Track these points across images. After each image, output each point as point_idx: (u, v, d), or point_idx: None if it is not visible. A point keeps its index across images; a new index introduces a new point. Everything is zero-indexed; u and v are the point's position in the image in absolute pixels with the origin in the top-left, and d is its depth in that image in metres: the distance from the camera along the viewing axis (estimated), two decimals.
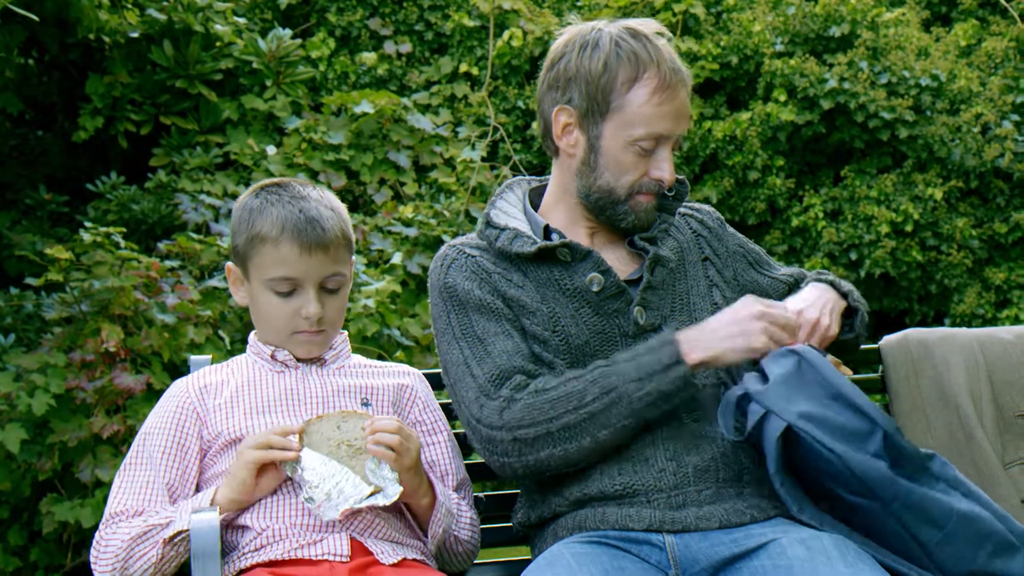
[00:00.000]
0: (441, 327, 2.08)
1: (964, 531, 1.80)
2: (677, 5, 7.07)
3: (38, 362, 4.40)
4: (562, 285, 2.07)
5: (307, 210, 1.98)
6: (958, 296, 6.76)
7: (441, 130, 6.55)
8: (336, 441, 1.91)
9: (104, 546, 1.90)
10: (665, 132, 2.05)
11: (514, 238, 2.09)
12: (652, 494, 1.96)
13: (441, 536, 1.99)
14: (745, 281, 2.23)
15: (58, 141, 6.53)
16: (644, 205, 2.09)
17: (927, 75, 6.89)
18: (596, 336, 2.05)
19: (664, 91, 2.03)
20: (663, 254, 2.11)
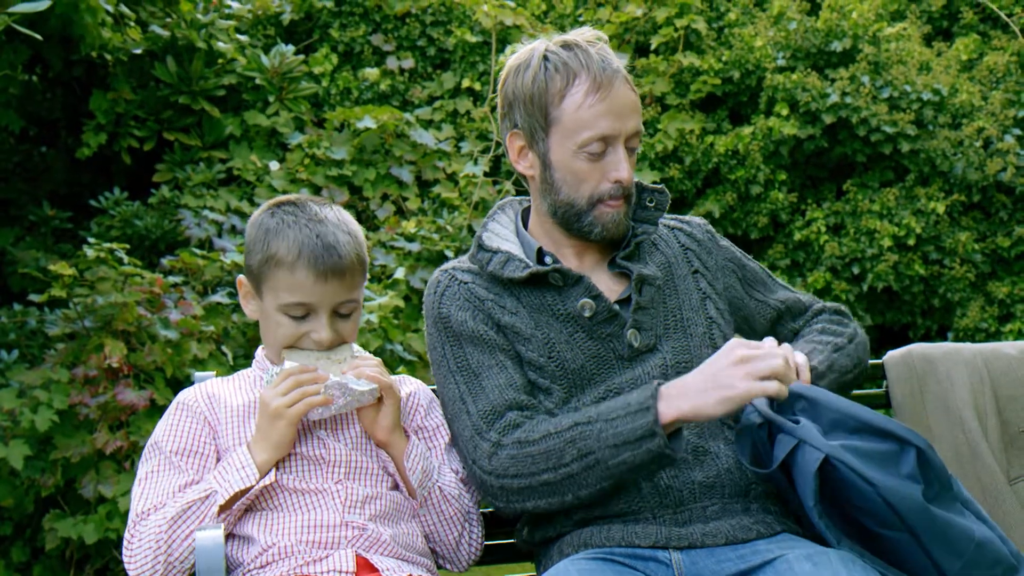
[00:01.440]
0: (437, 359, 2.08)
1: (981, 559, 1.79)
2: (679, 20, 7.08)
3: (41, 378, 4.40)
4: (555, 310, 2.06)
5: (324, 235, 1.97)
6: (961, 310, 6.75)
7: (444, 145, 6.56)
8: (316, 355, 1.97)
9: (138, 542, 1.87)
10: (608, 131, 2.02)
11: (506, 262, 2.08)
12: (657, 511, 1.95)
13: (421, 477, 1.98)
14: (733, 296, 2.21)
15: (62, 157, 6.55)
16: (610, 214, 2.06)
17: (929, 89, 6.90)
18: (592, 360, 2.04)
19: (597, 91, 2.01)
20: (647, 273, 2.09)
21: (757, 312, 2.22)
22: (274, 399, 1.90)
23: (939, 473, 1.77)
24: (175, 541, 1.84)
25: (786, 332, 2.23)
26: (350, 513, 1.93)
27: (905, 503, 1.72)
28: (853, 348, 2.14)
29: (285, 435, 1.90)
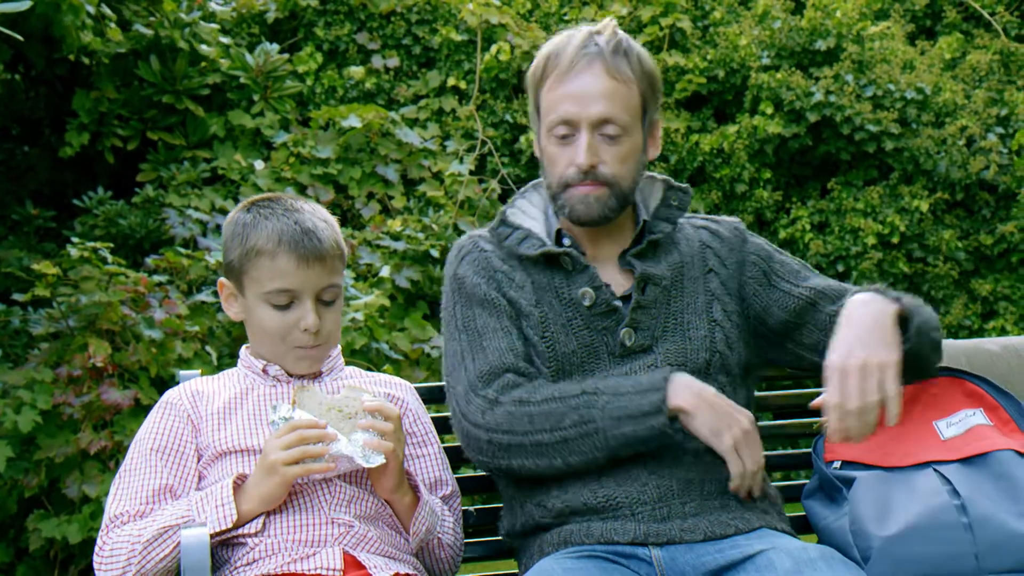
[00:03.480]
0: (447, 317, 2.12)
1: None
2: (664, 19, 7.10)
3: (25, 378, 4.38)
4: (560, 293, 2.07)
5: (302, 222, 1.99)
6: (944, 307, 6.78)
7: (429, 144, 6.56)
8: (327, 405, 1.91)
9: (110, 551, 1.87)
10: (569, 115, 2.03)
11: (523, 239, 2.12)
12: (636, 507, 1.96)
13: (424, 535, 1.98)
14: (752, 292, 2.16)
15: (45, 156, 6.51)
16: (577, 196, 2.05)
17: (912, 88, 6.93)
18: (584, 348, 2.04)
19: (566, 73, 2.04)
20: (652, 272, 2.08)
21: (777, 303, 2.14)
22: (274, 451, 1.85)
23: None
24: (148, 563, 1.85)
25: (823, 317, 2.11)
26: (336, 511, 1.93)
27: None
28: (911, 299, 2.03)
29: (275, 492, 1.87)
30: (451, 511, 2.10)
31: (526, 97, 7.38)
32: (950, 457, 2.11)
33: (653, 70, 2.11)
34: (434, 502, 2.03)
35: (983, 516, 1.97)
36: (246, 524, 1.88)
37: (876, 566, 1.93)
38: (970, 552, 1.93)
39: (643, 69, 2.07)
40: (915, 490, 2.04)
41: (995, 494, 2.02)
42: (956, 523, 1.96)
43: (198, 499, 1.88)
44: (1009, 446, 2.11)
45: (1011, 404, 2.20)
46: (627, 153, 2.06)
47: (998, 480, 2.04)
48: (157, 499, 1.92)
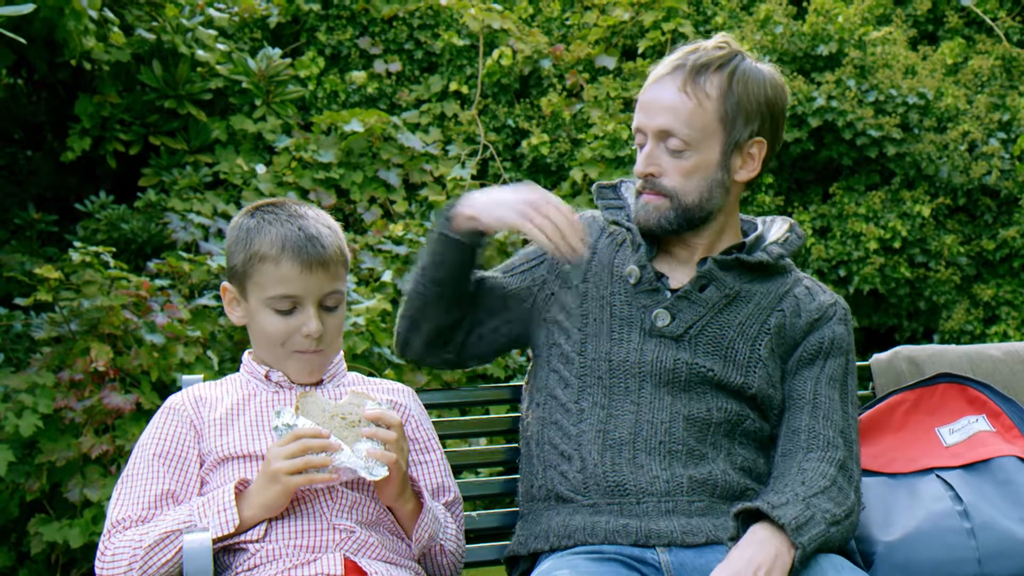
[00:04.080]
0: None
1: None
2: (666, 24, 7.10)
3: (26, 382, 4.38)
4: (614, 269, 2.14)
5: (306, 228, 1.99)
6: (947, 312, 6.78)
7: (431, 148, 6.56)
8: (330, 412, 1.90)
9: (111, 556, 1.87)
10: (639, 123, 2.10)
11: (612, 208, 2.20)
12: (643, 497, 1.96)
13: (427, 542, 1.98)
14: (794, 356, 2.10)
15: (47, 160, 6.52)
16: (641, 202, 2.11)
17: (914, 93, 6.93)
18: (617, 320, 2.09)
19: (650, 81, 2.11)
20: (718, 275, 2.09)
21: (791, 381, 2.10)
22: (277, 459, 1.84)
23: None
24: (150, 568, 1.85)
25: (788, 447, 2.06)
26: (337, 517, 1.93)
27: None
28: (848, 527, 1.95)
29: (278, 501, 1.87)
30: (454, 518, 2.10)
31: (528, 101, 7.41)
32: (953, 463, 2.12)
33: (751, 92, 2.07)
34: (437, 509, 2.03)
35: (986, 522, 1.97)
36: (248, 531, 1.88)
37: (880, 571, 1.93)
38: (973, 557, 1.94)
39: (733, 88, 2.05)
40: (918, 496, 2.04)
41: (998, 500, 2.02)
42: (959, 528, 1.96)
43: (200, 504, 1.88)
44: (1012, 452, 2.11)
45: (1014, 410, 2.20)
46: (692, 168, 2.06)
47: (1001, 486, 2.04)
48: (159, 504, 1.92)
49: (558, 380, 2.12)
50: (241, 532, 1.87)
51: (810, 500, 1.90)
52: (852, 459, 2.04)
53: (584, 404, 2.06)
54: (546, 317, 2.18)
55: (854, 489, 2.01)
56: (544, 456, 2.09)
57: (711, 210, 2.10)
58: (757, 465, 2.07)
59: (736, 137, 2.08)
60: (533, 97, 6.97)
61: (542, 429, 2.11)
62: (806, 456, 2.01)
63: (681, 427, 2.01)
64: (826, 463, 1.99)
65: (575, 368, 2.10)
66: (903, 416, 2.24)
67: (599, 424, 2.03)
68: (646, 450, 2.00)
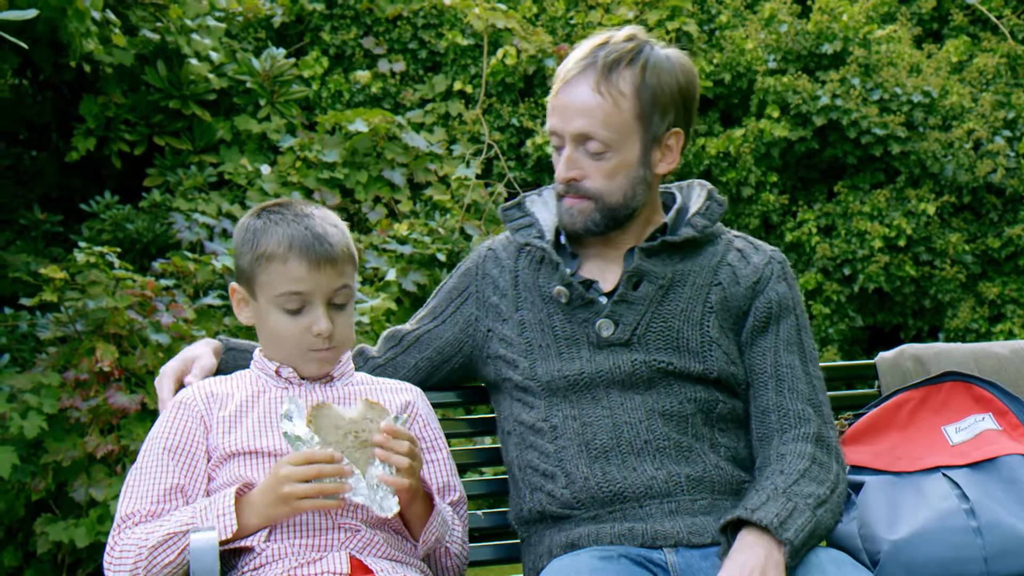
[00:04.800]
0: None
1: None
2: (670, 23, 7.10)
3: (32, 382, 4.38)
4: (542, 290, 2.11)
5: (312, 227, 2.00)
6: (952, 311, 6.77)
7: (435, 148, 6.56)
8: (345, 430, 1.87)
9: (119, 552, 1.88)
10: (552, 127, 2.06)
11: (524, 228, 2.16)
12: (644, 500, 1.95)
13: (433, 544, 1.98)
14: (745, 325, 2.09)
15: (52, 161, 6.53)
16: (564, 206, 2.08)
17: (919, 91, 6.92)
18: (563, 341, 2.07)
19: (561, 84, 2.05)
20: (647, 268, 2.06)
21: (750, 354, 2.09)
22: (289, 482, 1.82)
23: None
24: (154, 568, 1.86)
25: (763, 431, 2.06)
26: (343, 516, 1.93)
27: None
28: (836, 501, 1.97)
29: (282, 516, 1.88)
30: (459, 517, 2.10)
31: (532, 100, 7.41)
32: (959, 462, 2.11)
33: (663, 83, 2.03)
34: (446, 511, 2.03)
35: (992, 520, 1.96)
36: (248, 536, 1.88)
37: (885, 570, 1.92)
38: (979, 556, 1.93)
39: (646, 82, 2.02)
40: (924, 494, 2.04)
41: (1004, 498, 2.01)
42: (965, 527, 1.96)
43: (202, 507, 1.89)
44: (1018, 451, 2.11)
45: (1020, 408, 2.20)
46: (614, 169, 2.04)
47: (1007, 485, 2.04)
48: (168, 498, 1.92)
49: (521, 406, 2.10)
50: (240, 538, 1.88)
51: (790, 490, 1.90)
52: (826, 425, 2.05)
53: (555, 420, 2.04)
54: (489, 354, 2.16)
55: (835, 458, 2.02)
56: (528, 479, 2.07)
57: (636, 207, 2.08)
58: (741, 451, 2.06)
59: (654, 132, 2.05)
60: (537, 96, 6.97)
61: (520, 453, 2.09)
62: (782, 439, 2.02)
63: (660, 423, 2.00)
64: (802, 441, 2.00)
65: (534, 391, 2.08)
66: (909, 414, 2.24)
67: (577, 437, 2.01)
68: (633, 452, 1.99)
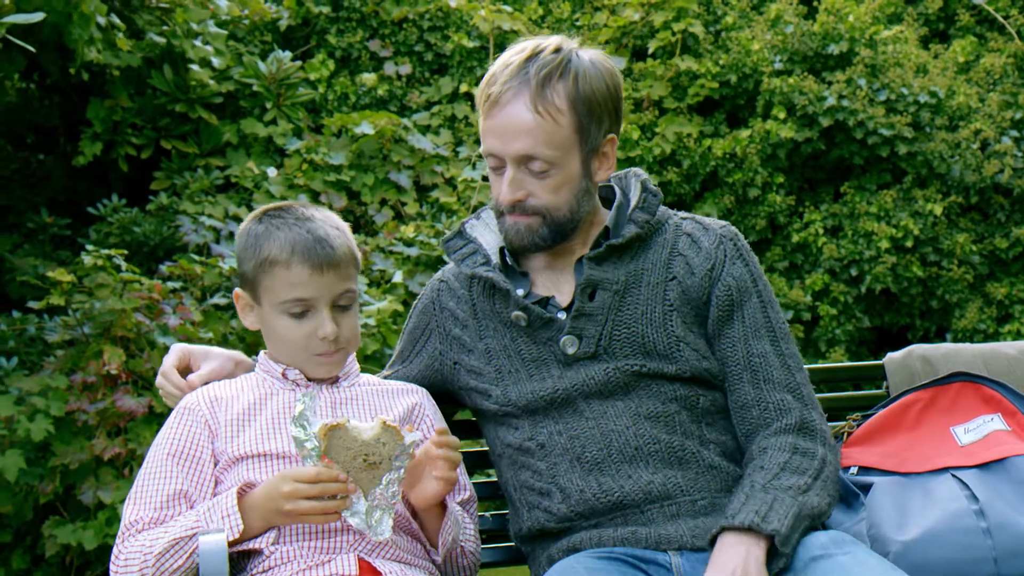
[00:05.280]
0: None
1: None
2: (676, 24, 7.09)
3: (39, 385, 4.39)
4: (500, 316, 2.09)
5: (314, 230, 1.99)
6: (959, 311, 6.75)
7: (442, 150, 6.56)
8: (354, 452, 1.86)
9: (124, 560, 1.88)
10: (491, 149, 2.01)
11: (469, 256, 2.13)
12: (644, 505, 1.95)
13: (450, 544, 1.98)
14: (710, 314, 2.05)
15: (60, 164, 6.55)
16: (508, 223, 2.05)
17: (926, 92, 6.91)
18: (532, 364, 2.05)
19: (493, 106, 2.00)
20: (598, 277, 2.03)
21: (720, 345, 2.06)
22: (291, 499, 1.82)
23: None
24: (162, 574, 1.86)
25: (746, 427, 2.05)
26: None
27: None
28: (821, 485, 1.96)
29: (281, 524, 1.89)
30: (470, 516, 2.10)
31: None
32: (968, 463, 2.11)
33: (595, 91, 2.00)
34: (457, 511, 2.03)
35: (1002, 521, 1.96)
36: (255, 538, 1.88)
37: None
38: (989, 557, 1.93)
39: (580, 94, 1.98)
40: (933, 495, 2.03)
41: (1014, 499, 2.01)
42: (975, 528, 1.95)
43: (205, 509, 1.89)
44: None
45: None
46: (558, 184, 2.01)
47: (1017, 485, 2.03)
48: (172, 504, 1.92)
49: (506, 429, 2.09)
50: (245, 539, 1.88)
51: (769, 485, 1.91)
52: (807, 408, 2.04)
53: (541, 439, 2.03)
54: (460, 386, 2.15)
55: (819, 440, 2.01)
56: (524, 498, 2.07)
57: (581, 217, 2.06)
58: (730, 444, 2.05)
59: (593, 143, 2.03)
60: None
61: (514, 474, 2.09)
62: (764, 433, 2.01)
63: (647, 426, 1.99)
64: (783, 434, 2.00)
65: (514, 414, 2.06)
66: (917, 415, 2.23)
67: (567, 452, 2.00)
68: (626, 460, 1.97)
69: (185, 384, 2.08)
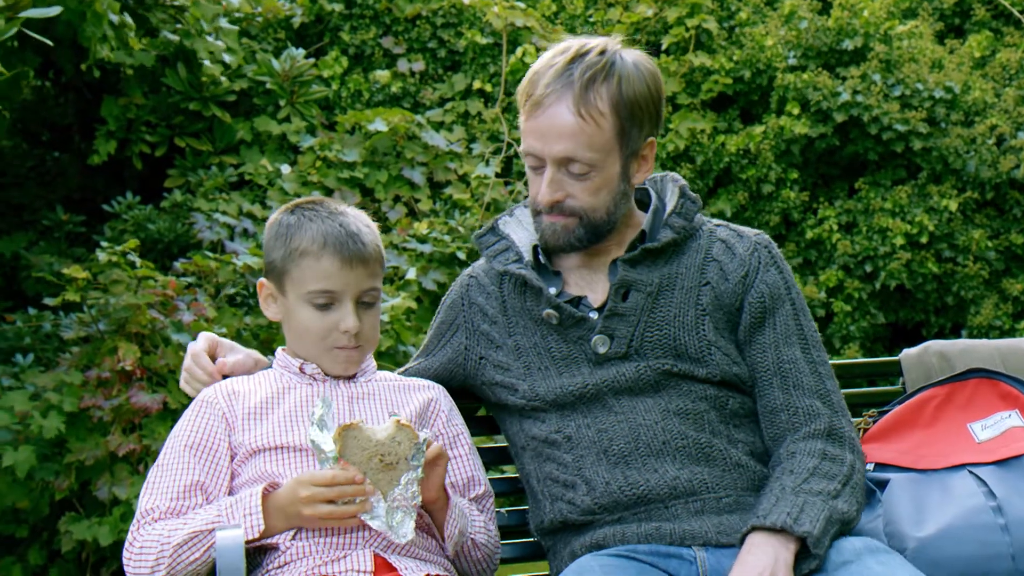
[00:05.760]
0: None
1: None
2: (690, 20, 7.08)
3: (54, 381, 4.41)
4: (532, 313, 2.09)
5: (347, 224, 2.01)
6: (975, 308, 6.72)
7: (455, 147, 6.57)
8: (370, 452, 1.86)
9: (139, 548, 1.89)
10: (532, 149, 2.01)
11: (501, 252, 2.13)
12: (669, 500, 1.95)
13: (457, 537, 1.98)
14: (742, 321, 2.06)
15: (75, 162, 6.57)
16: (545, 223, 2.05)
17: (941, 87, 6.88)
18: (562, 361, 2.05)
19: (536, 106, 2.00)
20: (633, 278, 2.04)
21: (750, 351, 2.06)
22: (309, 504, 1.83)
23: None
24: (177, 565, 1.87)
25: (774, 431, 2.05)
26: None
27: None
28: (850, 492, 1.96)
29: (302, 525, 1.91)
30: (484, 510, 2.10)
31: None
32: (985, 459, 2.10)
33: (638, 95, 2.00)
34: (463, 503, 2.03)
35: (1020, 518, 1.95)
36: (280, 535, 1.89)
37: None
38: (1007, 553, 1.92)
39: (623, 98, 1.99)
40: (951, 492, 2.02)
41: None
42: (993, 524, 1.94)
43: (228, 505, 1.89)
44: None
45: None
46: (597, 187, 2.02)
47: None
48: (188, 495, 1.93)
49: (532, 422, 2.08)
50: (266, 538, 1.89)
51: (799, 488, 1.90)
52: (836, 415, 2.04)
53: (568, 431, 2.03)
54: (484, 381, 2.15)
55: (848, 447, 2.01)
56: (547, 490, 2.07)
57: (617, 219, 2.07)
58: (759, 445, 2.05)
59: (633, 147, 2.04)
60: None
61: (538, 466, 2.08)
62: (793, 438, 2.01)
63: (676, 422, 1.99)
64: (812, 439, 2.00)
65: (541, 407, 2.06)
66: (934, 412, 2.22)
67: (594, 445, 2.00)
68: (653, 454, 1.97)
69: (215, 369, 2.09)
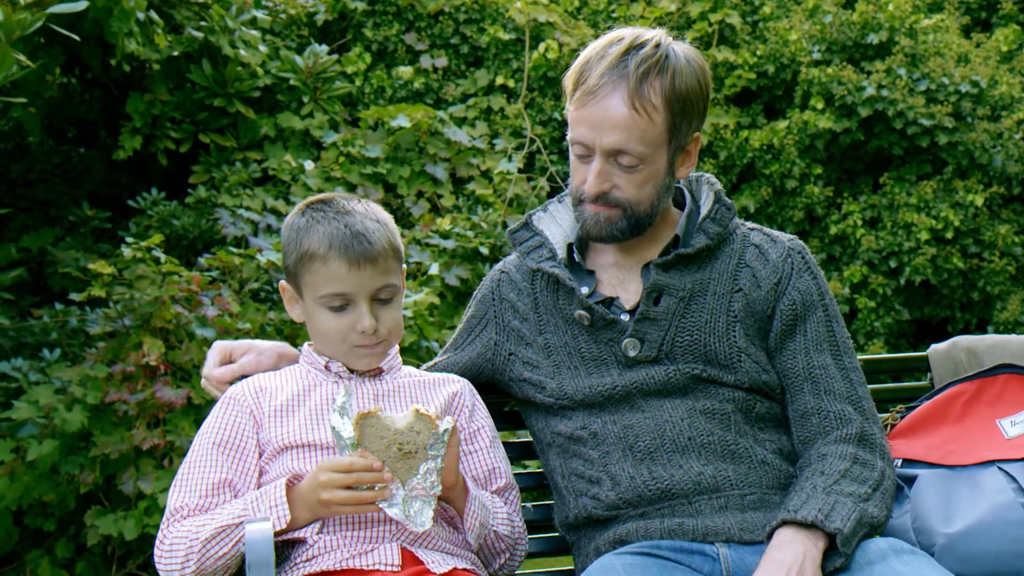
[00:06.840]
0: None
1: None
2: (713, 15, 7.05)
3: (79, 375, 4.44)
4: (564, 312, 2.09)
5: (352, 224, 1.99)
6: (1001, 303, 6.67)
7: (478, 142, 6.57)
8: (388, 440, 1.87)
9: (169, 545, 1.90)
10: (582, 138, 2.01)
11: (535, 249, 2.13)
12: (693, 496, 1.95)
13: (479, 529, 1.98)
14: (773, 327, 2.06)
15: (100, 158, 6.62)
16: (588, 213, 2.05)
17: (967, 81, 6.82)
18: (591, 362, 2.05)
19: (589, 95, 1.99)
20: (665, 283, 2.04)
21: (781, 357, 2.06)
22: (327, 489, 1.84)
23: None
24: (207, 560, 1.88)
25: (804, 434, 2.05)
26: None
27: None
28: (880, 497, 1.95)
29: (325, 516, 1.91)
30: (507, 502, 2.10)
31: None
32: (1015, 456, 2.08)
33: (689, 90, 2.01)
34: (484, 496, 2.03)
35: None
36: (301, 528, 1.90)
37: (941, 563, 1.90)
38: None
39: (676, 92, 1.99)
40: (980, 488, 2.01)
41: None
42: (1022, 521, 1.93)
43: (253, 498, 1.91)
44: None
45: None
46: (644, 180, 2.03)
47: None
48: (217, 493, 1.94)
49: (558, 419, 2.09)
50: (292, 530, 1.89)
51: (830, 488, 1.90)
52: (868, 421, 2.03)
53: (594, 428, 2.03)
54: (512, 377, 2.15)
55: (879, 454, 2.01)
56: (572, 486, 2.07)
57: (659, 212, 2.08)
58: (784, 445, 2.05)
59: (681, 141, 2.04)
60: None
61: (564, 462, 2.09)
62: (824, 441, 2.01)
63: (702, 420, 1.99)
64: (844, 443, 1.99)
65: (568, 405, 2.07)
66: (963, 408, 2.20)
67: (620, 442, 2.01)
68: (678, 450, 1.98)
69: (218, 382, 2.12)
